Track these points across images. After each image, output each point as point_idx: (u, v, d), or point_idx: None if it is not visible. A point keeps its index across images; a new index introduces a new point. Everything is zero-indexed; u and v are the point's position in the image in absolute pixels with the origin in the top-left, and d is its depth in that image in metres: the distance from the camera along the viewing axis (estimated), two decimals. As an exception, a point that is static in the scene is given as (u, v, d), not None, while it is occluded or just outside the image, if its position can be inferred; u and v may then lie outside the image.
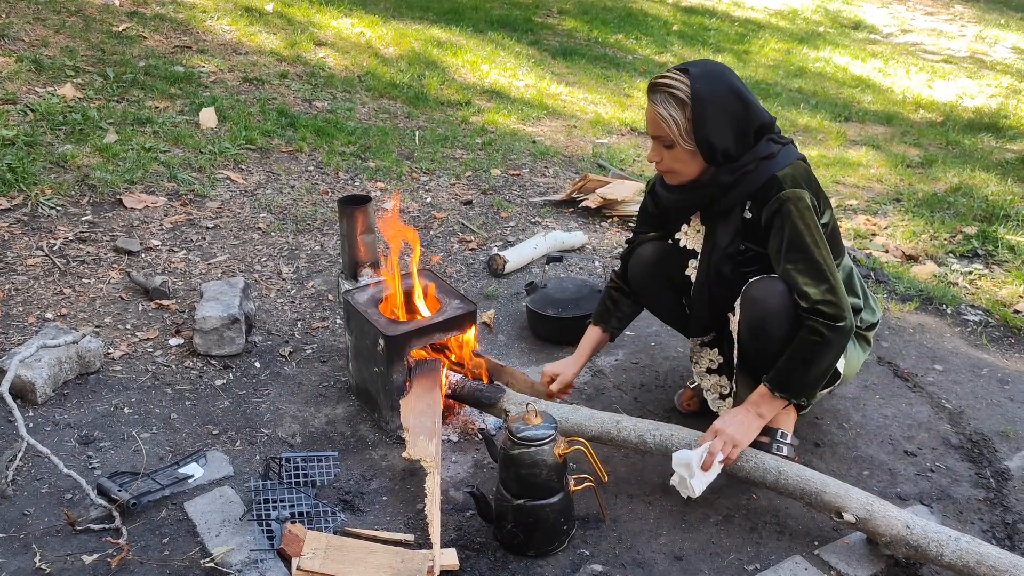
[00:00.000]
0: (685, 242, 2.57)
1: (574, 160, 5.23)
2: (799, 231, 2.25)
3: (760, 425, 2.36)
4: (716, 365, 2.66)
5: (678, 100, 2.27)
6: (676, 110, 2.28)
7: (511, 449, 2.24)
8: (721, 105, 2.27)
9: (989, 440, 2.81)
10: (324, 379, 3.01)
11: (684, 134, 2.29)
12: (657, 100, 2.31)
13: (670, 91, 2.28)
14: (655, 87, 2.32)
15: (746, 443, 2.34)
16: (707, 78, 2.28)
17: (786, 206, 2.25)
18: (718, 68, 2.32)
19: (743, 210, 2.36)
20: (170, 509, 2.38)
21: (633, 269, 2.72)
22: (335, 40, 6.83)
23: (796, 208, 2.25)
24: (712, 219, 2.45)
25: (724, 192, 2.35)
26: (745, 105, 2.29)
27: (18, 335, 3.08)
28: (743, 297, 2.38)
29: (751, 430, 2.35)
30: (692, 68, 2.29)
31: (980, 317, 3.62)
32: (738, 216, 2.38)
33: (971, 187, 5.14)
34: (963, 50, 9.59)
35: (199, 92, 5.34)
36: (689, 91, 2.26)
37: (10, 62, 5.16)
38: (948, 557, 2.11)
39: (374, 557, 2.19)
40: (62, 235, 3.74)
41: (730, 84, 2.29)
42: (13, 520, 2.32)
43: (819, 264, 2.25)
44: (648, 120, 2.37)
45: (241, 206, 4.19)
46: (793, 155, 2.33)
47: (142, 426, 2.71)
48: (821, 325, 2.24)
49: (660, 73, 2.36)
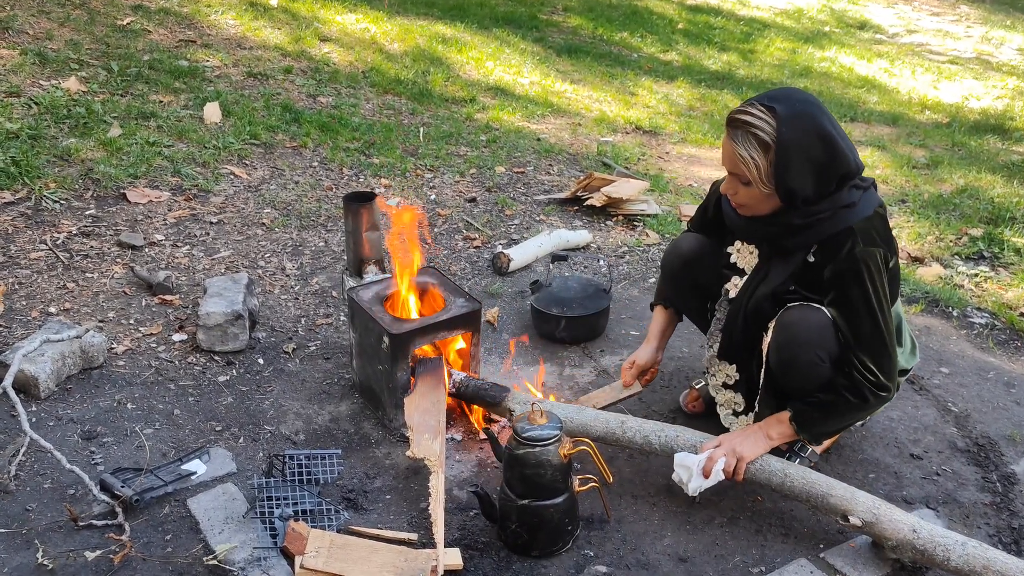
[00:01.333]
0: (736, 259, 2.49)
1: (579, 158, 5.21)
2: (868, 296, 2.17)
3: (768, 446, 2.35)
4: (732, 381, 2.58)
5: (761, 142, 2.14)
6: (758, 152, 2.15)
7: (516, 449, 2.23)
8: (806, 152, 2.13)
9: (995, 444, 2.79)
10: (328, 376, 3.00)
11: (764, 177, 2.17)
12: (738, 138, 2.16)
13: (753, 132, 2.14)
14: (736, 123, 2.17)
15: (749, 458, 2.32)
16: (795, 121, 2.12)
17: (857, 267, 2.16)
18: (807, 109, 2.15)
19: (807, 253, 2.28)
20: (173, 506, 2.37)
21: (668, 257, 2.68)
22: (339, 36, 6.82)
23: (868, 269, 2.16)
24: (771, 251, 2.37)
25: (793, 234, 2.25)
26: (832, 153, 2.15)
27: (21, 329, 3.07)
28: (778, 320, 2.32)
29: (757, 448, 2.34)
30: (779, 107, 2.12)
31: (986, 320, 3.60)
32: (799, 258, 2.29)
33: (977, 189, 5.12)
34: (969, 51, 9.57)
35: (203, 87, 5.33)
36: (775, 135, 2.11)
37: (14, 55, 5.15)
38: (955, 562, 2.10)
39: (377, 556, 2.18)
40: (66, 229, 3.73)
41: (819, 129, 2.13)
42: (15, 515, 2.31)
43: (882, 333, 2.20)
44: (725, 154, 2.23)
45: (245, 201, 4.17)
46: (872, 204, 2.22)
47: (145, 422, 2.71)
48: (866, 390, 2.22)
49: (743, 106, 2.18)
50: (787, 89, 2.23)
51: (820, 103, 2.20)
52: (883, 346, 2.21)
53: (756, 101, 2.17)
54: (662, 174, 5.08)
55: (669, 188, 4.86)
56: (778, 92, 2.20)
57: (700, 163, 5.38)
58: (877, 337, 2.20)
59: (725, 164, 2.25)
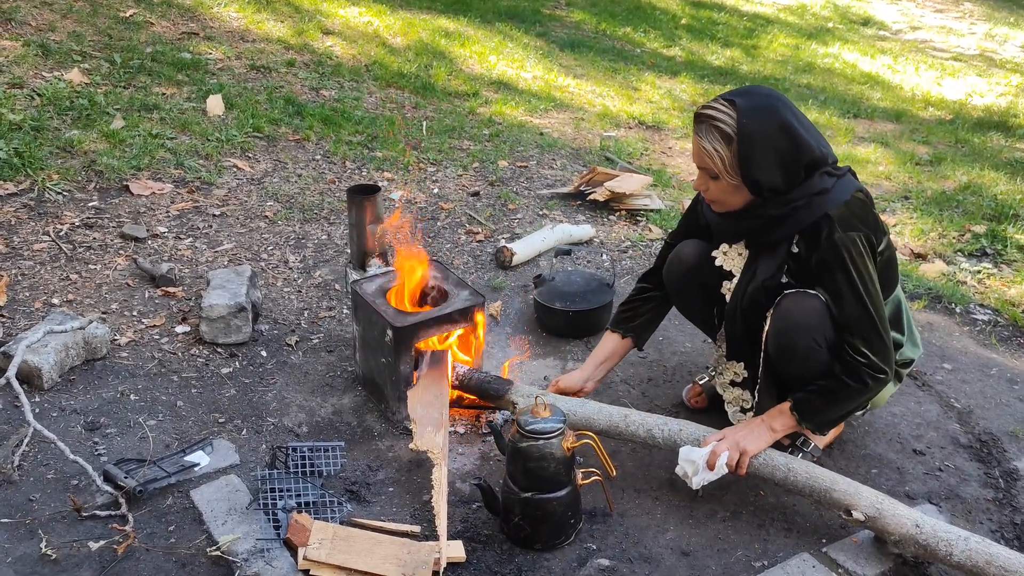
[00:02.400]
0: (722, 262, 2.48)
1: (581, 153, 5.21)
2: (852, 280, 2.18)
3: (771, 439, 2.35)
4: (740, 379, 2.57)
5: (723, 134, 2.17)
6: (721, 144, 2.18)
7: (519, 442, 2.23)
8: (768, 142, 2.16)
9: (998, 440, 2.80)
10: (331, 369, 3.00)
11: (729, 168, 2.20)
12: (702, 132, 2.21)
13: (715, 124, 2.18)
14: (700, 118, 2.22)
15: (753, 452, 2.32)
16: (755, 113, 2.16)
17: (839, 252, 2.18)
18: (768, 101, 2.20)
19: (790, 244, 2.29)
20: (176, 497, 2.38)
21: (670, 267, 2.63)
22: (343, 29, 6.80)
23: (849, 254, 2.17)
24: (757, 248, 2.38)
25: (772, 225, 2.27)
26: (795, 143, 2.17)
27: (25, 320, 3.07)
28: (776, 308, 2.32)
29: (760, 441, 2.33)
30: (740, 100, 2.18)
31: (989, 316, 3.60)
32: (784, 250, 2.31)
33: (980, 186, 5.11)
34: (972, 48, 9.54)
35: (206, 79, 5.32)
36: (735, 126, 2.15)
37: (17, 46, 5.14)
38: (957, 557, 2.10)
39: (380, 548, 2.18)
40: (69, 220, 3.73)
41: (779, 119, 2.17)
42: (19, 505, 2.31)
43: (871, 316, 2.21)
44: (693, 151, 2.28)
45: (248, 194, 4.17)
46: (849, 188, 2.23)
47: (148, 413, 2.71)
48: (864, 373, 2.23)
49: (708, 102, 2.24)
50: (752, 86, 2.29)
51: (783, 97, 2.23)
52: (873, 329, 2.21)
53: (720, 97, 2.22)
54: (665, 169, 5.07)
55: (672, 183, 4.85)
56: (742, 88, 2.26)
57: (703, 158, 5.36)
58: (867, 320, 2.21)
59: (694, 159, 2.28)
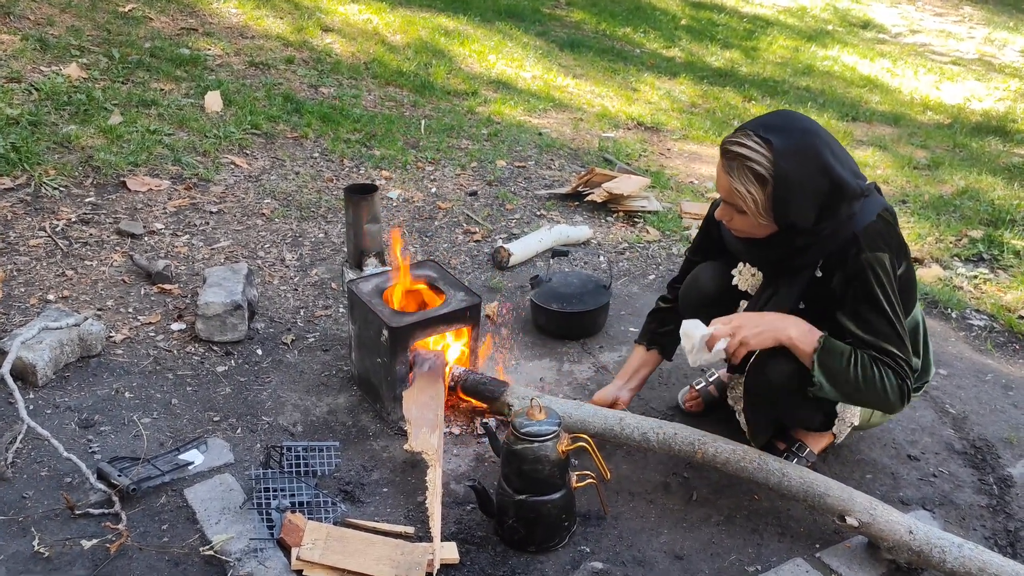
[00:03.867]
0: (739, 282, 2.41)
1: (580, 153, 5.20)
2: (876, 300, 2.09)
3: (775, 343, 2.16)
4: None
5: (757, 176, 2.03)
6: (754, 186, 2.04)
7: (514, 444, 2.23)
8: (806, 186, 2.02)
9: (992, 446, 2.80)
10: (326, 368, 2.99)
11: (761, 210, 2.07)
12: (732, 171, 2.05)
13: (748, 165, 2.02)
14: (731, 155, 2.05)
15: (754, 344, 2.16)
16: (793, 155, 2.00)
17: (864, 273, 2.08)
18: (805, 140, 2.02)
19: (814, 269, 2.19)
20: (170, 495, 2.37)
21: (687, 292, 2.55)
22: (342, 26, 6.79)
23: (875, 274, 2.08)
24: (777, 273, 2.28)
25: (796, 255, 2.17)
26: (833, 183, 2.03)
27: (20, 316, 3.07)
28: (750, 367, 2.29)
29: (766, 340, 2.16)
30: (776, 140, 2.00)
31: (985, 322, 3.61)
32: (807, 276, 2.21)
33: (978, 190, 5.12)
34: (972, 52, 9.56)
35: (205, 75, 5.31)
36: (771, 168, 2.01)
37: (15, 40, 5.13)
38: (951, 563, 2.10)
39: (374, 549, 2.18)
40: (65, 216, 3.72)
41: (818, 161, 2.02)
42: (12, 503, 2.31)
43: (896, 333, 2.12)
44: (720, 183, 2.12)
45: (245, 191, 4.16)
46: (875, 208, 2.12)
47: (143, 411, 2.70)
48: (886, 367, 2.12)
49: (738, 135, 2.06)
50: (785, 115, 2.10)
51: (819, 130, 2.07)
52: (900, 346, 2.12)
53: (751, 130, 2.05)
54: (663, 171, 5.07)
55: (670, 185, 4.85)
56: (776, 119, 2.08)
57: (701, 160, 5.37)
58: (893, 336, 2.11)
59: (720, 192, 2.15)
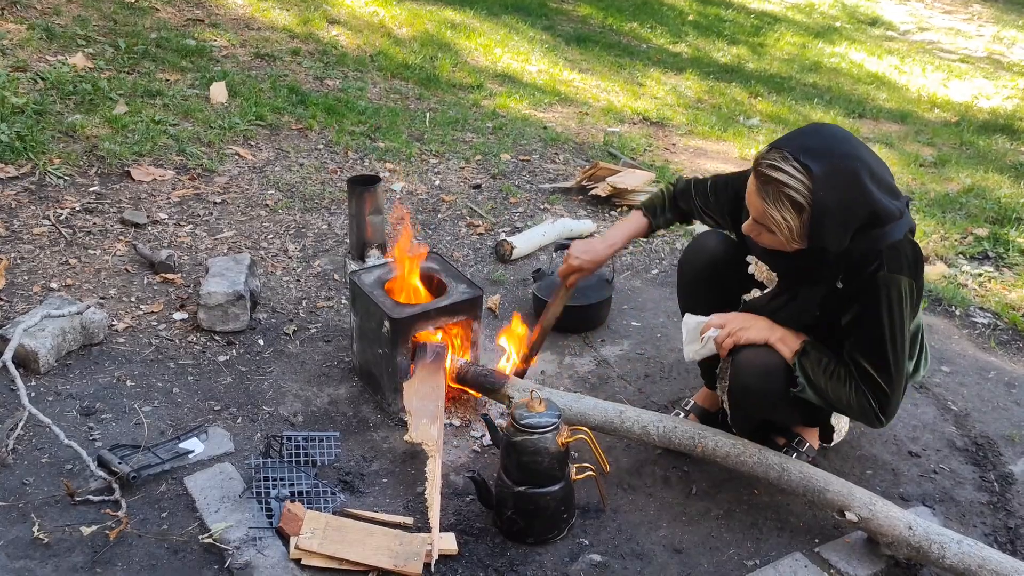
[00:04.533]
0: (753, 270, 2.35)
1: (585, 148, 5.19)
2: (881, 323, 2.04)
3: (765, 339, 2.20)
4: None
5: (794, 203, 1.94)
6: (791, 214, 1.96)
7: (514, 436, 2.23)
8: (845, 214, 1.95)
9: (994, 443, 2.79)
10: (327, 359, 2.99)
11: (796, 236, 2.01)
12: (768, 196, 1.97)
13: (785, 192, 1.94)
14: (766, 179, 1.96)
15: (742, 339, 2.22)
16: (833, 183, 1.91)
17: (878, 292, 2.03)
18: (847, 165, 1.93)
19: (836, 281, 2.12)
20: (170, 483, 2.38)
21: (692, 255, 2.53)
22: (348, 18, 6.79)
23: (888, 297, 2.02)
24: (797, 281, 2.22)
25: (821, 268, 2.11)
26: (872, 210, 1.96)
27: (23, 304, 3.07)
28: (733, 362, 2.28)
29: (757, 335, 2.21)
30: (816, 167, 1.91)
31: (989, 320, 3.59)
32: (829, 286, 2.14)
33: (984, 188, 5.10)
34: (980, 50, 9.51)
35: (210, 66, 5.31)
36: (810, 197, 1.92)
37: (22, 29, 5.14)
38: (950, 559, 2.10)
39: (373, 539, 2.18)
40: (69, 205, 3.72)
41: (860, 188, 1.93)
42: (13, 489, 2.31)
43: (890, 366, 2.08)
44: (751, 204, 2.05)
45: (249, 182, 4.16)
46: (902, 229, 2.03)
47: (144, 399, 2.71)
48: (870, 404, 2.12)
49: (775, 156, 1.96)
50: (824, 135, 2.00)
51: (859, 149, 1.98)
52: (887, 375, 2.09)
53: (790, 153, 1.94)
54: (668, 165, 5.06)
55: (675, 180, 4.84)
56: (815, 141, 1.97)
57: (707, 155, 5.36)
58: (884, 363, 2.08)
59: (750, 210, 2.07)
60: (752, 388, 2.26)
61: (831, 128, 2.04)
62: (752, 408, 2.35)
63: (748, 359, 2.24)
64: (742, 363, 2.26)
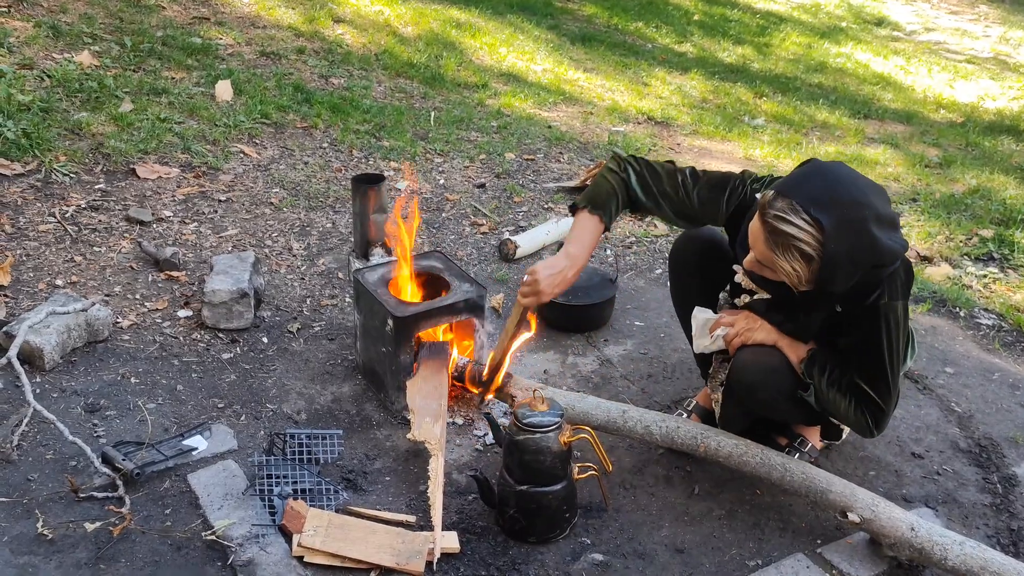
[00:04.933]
0: (740, 280, 2.35)
1: (589, 147, 5.19)
2: (880, 347, 2.10)
3: (772, 342, 2.25)
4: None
5: (804, 255, 1.96)
6: (800, 264, 1.97)
7: (516, 434, 2.23)
8: (854, 262, 1.96)
9: (998, 445, 2.79)
10: (331, 357, 3.00)
11: (804, 283, 2.03)
12: (776, 248, 1.98)
13: (795, 245, 1.95)
14: (777, 232, 1.96)
15: (749, 337, 2.27)
16: (843, 232, 1.91)
17: (878, 321, 2.08)
18: (857, 214, 1.92)
19: (835, 305, 2.16)
20: (173, 480, 2.39)
21: (681, 244, 2.54)
22: (353, 17, 6.79)
23: (887, 325, 2.08)
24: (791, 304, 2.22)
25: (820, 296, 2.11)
26: (879, 254, 1.97)
27: (28, 301, 3.08)
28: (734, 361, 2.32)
29: (765, 337, 2.26)
30: (826, 220, 1.90)
31: (993, 321, 3.59)
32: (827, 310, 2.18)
33: (989, 190, 5.08)
34: (986, 51, 9.49)
35: (216, 64, 5.32)
36: (820, 250, 1.93)
37: (28, 27, 5.15)
38: (952, 561, 2.10)
39: (375, 537, 2.19)
40: (75, 202, 3.74)
41: (868, 236, 1.93)
42: (17, 485, 2.33)
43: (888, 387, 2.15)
44: (758, 251, 2.05)
45: (254, 180, 4.17)
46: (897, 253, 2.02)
47: (148, 396, 2.72)
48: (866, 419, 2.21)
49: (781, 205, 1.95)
50: (829, 181, 1.97)
51: (865, 193, 1.96)
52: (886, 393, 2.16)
53: (799, 204, 1.93)
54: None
55: (679, 180, 4.83)
56: (821, 191, 1.95)
57: (711, 155, 5.35)
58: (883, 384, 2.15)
59: (755, 253, 2.07)
60: (756, 386, 2.29)
61: (834, 170, 2.01)
62: (756, 406, 2.37)
63: (752, 358, 2.28)
64: (746, 361, 2.29)
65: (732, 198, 2.31)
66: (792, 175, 2.05)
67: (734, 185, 2.32)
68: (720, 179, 2.35)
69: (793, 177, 2.03)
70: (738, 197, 2.30)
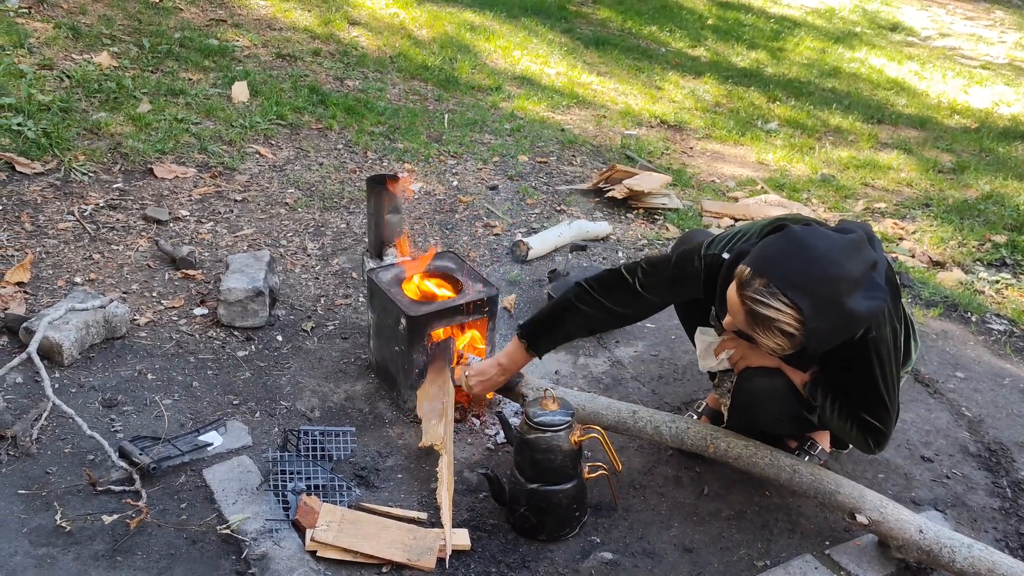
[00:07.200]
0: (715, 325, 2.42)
1: (602, 150, 5.21)
2: (875, 379, 2.14)
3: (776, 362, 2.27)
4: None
5: (786, 334, 1.98)
6: (783, 339, 2.00)
7: (527, 433, 2.26)
8: (835, 333, 1.99)
9: (1007, 450, 2.79)
10: (345, 355, 3.03)
11: (787, 351, 2.05)
12: (758, 327, 2.00)
13: (777, 327, 1.97)
14: (758, 317, 1.98)
15: (751, 363, 2.32)
16: (823, 312, 1.93)
17: (868, 356, 2.11)
18: (833, 289, 1.92)
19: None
20: (189, 475, 2.42)
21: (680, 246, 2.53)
22: (369, 20, 6.84)
23: (879, 355, 2.11)
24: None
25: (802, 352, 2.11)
26: (858, 323, 2.00)
27: (47, 297, 3.13)
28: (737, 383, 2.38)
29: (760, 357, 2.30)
30: (805, 304, 1.91)
31: (1005, 326, 3.59)
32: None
33: (1003, 195, 5.07)
34: (1002, 56, 9.45)
35: (232, 66, 5.37)
36: (802, 328, 1.95)
37: (48, 28, 5.22)
38: (960, 564, 2.11)
39: (387, 533, 2.21)
40: (93, 201, 3.78)
41: (847, 308, 1.94)
42: (36, 478, 2.37)
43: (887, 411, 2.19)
44: (738, 323, 2.06)
45: (269, 181, 4.21)
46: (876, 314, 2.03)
47: (164, 392, 2.75)
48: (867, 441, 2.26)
49: (758, 288, 1.96)
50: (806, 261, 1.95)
51: (837, 269, 1.94)
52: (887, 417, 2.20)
53: (777, 288, 1.94)
54: (685, 169, 5.07)
55: (691, 183, 4.85)
56: (797, 273, 1.94)
57: (724, 159, 5.36)
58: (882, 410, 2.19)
59: (736, 323, 2.08)
60: (761, 409, 2.34)
61: (805, 244, 1.97)
62: (761, 426, 2.43)
63: (757, 383, 2.33)
64: (751, 385, 2.34)
65: (686, 284, 2.32)
66: (766, 247, 2.02)
67: (687, 272, 2.31)
68: (671, 275, 2.35)
69: (768, 251, 2.01)
70: (695, 278, 2.29)
